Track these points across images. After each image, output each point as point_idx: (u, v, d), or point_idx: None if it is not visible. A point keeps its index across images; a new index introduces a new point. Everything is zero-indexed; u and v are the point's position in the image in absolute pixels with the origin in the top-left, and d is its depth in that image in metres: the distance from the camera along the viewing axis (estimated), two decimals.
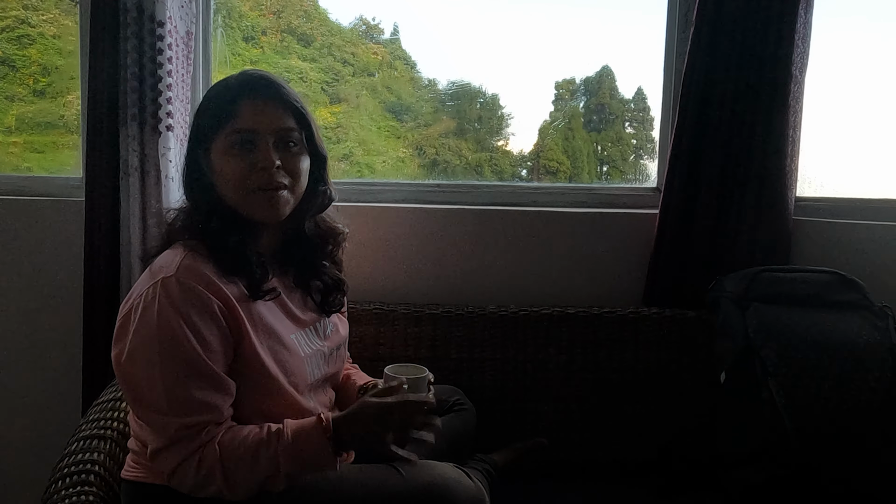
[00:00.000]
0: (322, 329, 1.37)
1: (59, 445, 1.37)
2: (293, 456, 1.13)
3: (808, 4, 1.83)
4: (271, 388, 1.21)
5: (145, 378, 1.11)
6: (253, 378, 1.19)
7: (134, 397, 1.15)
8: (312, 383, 1.30)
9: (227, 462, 1.11)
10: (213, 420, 1.13)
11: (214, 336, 1.13)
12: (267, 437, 1.14)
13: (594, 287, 2.00)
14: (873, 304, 1.68)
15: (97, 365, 1.80)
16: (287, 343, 1.25)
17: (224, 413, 1.16)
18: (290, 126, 1.22)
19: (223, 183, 1.21)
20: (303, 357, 1.28)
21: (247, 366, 1.18)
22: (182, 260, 1.15)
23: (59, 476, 1.27)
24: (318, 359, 1.33)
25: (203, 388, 1.12)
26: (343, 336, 1.45)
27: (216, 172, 1.21)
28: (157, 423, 1.13)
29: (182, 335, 1.10)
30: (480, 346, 1.84)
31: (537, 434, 1.78)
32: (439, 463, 1.30)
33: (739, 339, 1.65)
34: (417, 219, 2.00)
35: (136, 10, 1.71)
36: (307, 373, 1.28)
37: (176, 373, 1.10)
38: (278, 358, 1.22)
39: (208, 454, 1.11)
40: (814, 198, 2.02)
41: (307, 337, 1.32)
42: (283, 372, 1.22)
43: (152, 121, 1.75)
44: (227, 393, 1.16)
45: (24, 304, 1.99)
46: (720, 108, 1.84)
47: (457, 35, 2.35)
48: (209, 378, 1.13)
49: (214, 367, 1.13)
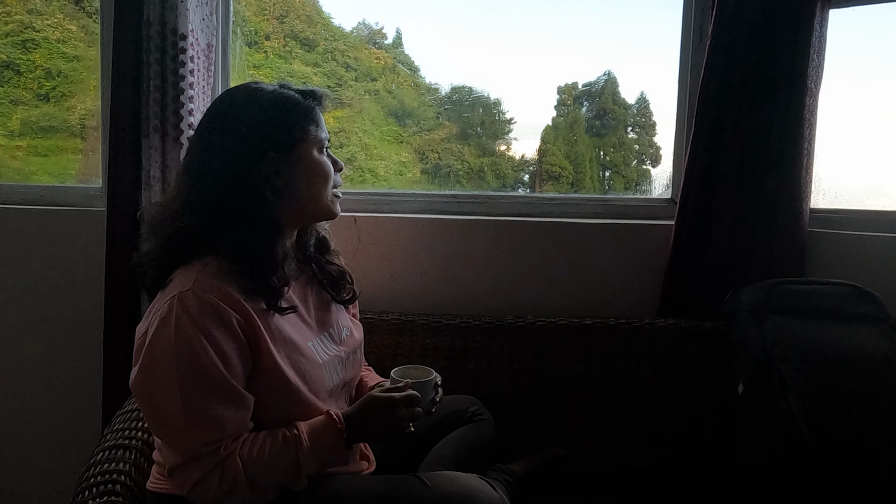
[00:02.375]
0: (337, 334, 1.39)
1: (80, 455, 1.38)
2: (312, 458, 1.18)
3: (822, 19, 1.85)
4: (293, 398, 1.22)
5: (163, 394, 1.10)
6: (273, 388, 1.20)
7: (152, 415, 1.15)
8: (332, 389, 1.31)
9: (250, 473, 1.13)
10: (231, 435, 1.14)
11: (233, 350, 1.14)
12: (284, 445, 1.16)
13: (610, 298, 2.01)
14: (889, 317, 1.68)
15: (118, 375, 1.81)
16: (305, 351, 1.26)
17: (241, 428, 1.16)
18: None
19: (312, 185, 1.26)
20: (321, 364, 1.29)
21: (267, 376, 1.19)
22: (198, 275, 1.15)
23: (85, 486, 1.28)
24: (335, 364, 1.34)
25: (222, 403, 1.12)
26: (358, 340, 1.46)
27: (303, 176, 1.24)
28: (175, 441, 1.14)
29: (201, 349, 1.10)
30: (498, 357, 1.85)
31: (555, 444, 1.78)
32: (463, 473, 1.31)
33: (757, 351, 1.66)
34: (434, 229, 2.02)
35: (158, 23, 1.74)
36: (326, 379, 1.29)
37: (195, 388, 1.10)
38: (297, 367, 1.23)
39: (230, 468, 1.12)
40: (829, 209, 2.03)
41: (323, 343, 1.33)
42: (303, 380, 1.23)
43: (174, 132, 1.76)
44: (245, 407, 1.16)
45: (45, 314, 2.01)
46: (735, 122, 1.85)
47: (459, 40, 2.36)
48: (228, 393, 1.13)
49: (233, 381, 1.13)
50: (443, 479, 1.27)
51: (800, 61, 1.82)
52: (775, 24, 1.81)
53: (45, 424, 2.03)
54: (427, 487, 1.23)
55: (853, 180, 2.14)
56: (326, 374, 1.30)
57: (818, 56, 1.86)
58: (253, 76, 2.33)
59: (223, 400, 1.13)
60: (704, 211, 1.90)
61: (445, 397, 1.63)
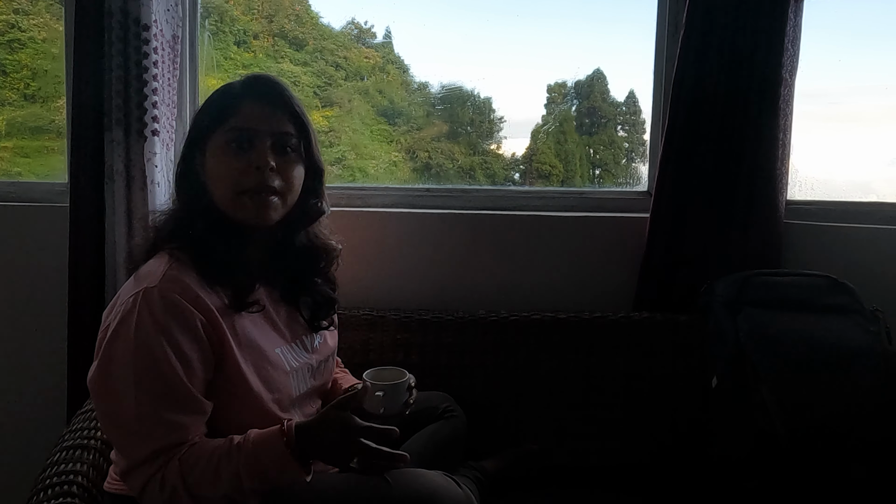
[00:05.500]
0: (310, 342, 1.34)
1: (44, 455, 1.34)
2: (253, 467, 1.08)
3: (797, 8, 1.83)
4: (252, 405, 1.18)
5: (118, 395, 1.07)
6: (234, 394, 1.16)
7: (105, 415, 1.12)
8: (298, 397, 1.27)
9: (188, 478, 1.06)
10: (181, 441, 1.09)
11: (195, 353, 1.10)
12: (228, 450, 1.09)
13: (585, 292, 1.99)
14: (864, 308, 1.68)
15: (82, 373, 1.75)
16: (272, 358, 1.22)
17: (193, 433, 1.11)
18: (288, 131, 1.21)
19: (215, 181, 1.18)
20: (288, 372, 1.25)
21: (228, 382, 1.15)
22: (167, 270, 1.12)
23: (41, 487, 1.24)
24: (304, 372, 1.30)
25: (177, 409, 1.08)
26: (332, 347, 1.42)
27: (209, 170, 1.18)
28: (126, 444, 1.10)
29: (161, 351, 1.06)
30: (471, 352, 1.82)
31: (528, 440, 1.76)
32: (427, 471, 1.28)
33: (731, 343, 1.64)
34: (407, 224, 1.99)
35: (120, 13, 1.69)
36: (292, 388, 1.25)
37: (151, 392, 1.06)
38: (262, 374, 1.19)
39: (170, 472, 1.07)
40: (805, 201, 2.02)
41: (294, 351, 1.29)
42: (267, 388, 1.19)
43: (138, 125, 1.72)
44: (201, 413, 1.12)
45: (9, 311, 1.96)
46: (710, 111, 1.83)
47: (449, 39, 2.35)
48: (184, 399, 1.09)
49: (192, 387, 1.09)
50: (406, 476, 1.23)
51: (774, 51, 1.81)
52: (749, 14, 1.79)
53: (7, 424, 1.99)
54: (389, 486, 1.20)
55: (835, 174, 2.13)
56: (293, 383, 1.25)
57: (793, 46, 1.85)
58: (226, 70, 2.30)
59: (179, 407, 1.09)
60: (679, 203, 1.88)
61: (417, 394, 1.61)
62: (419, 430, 1.56)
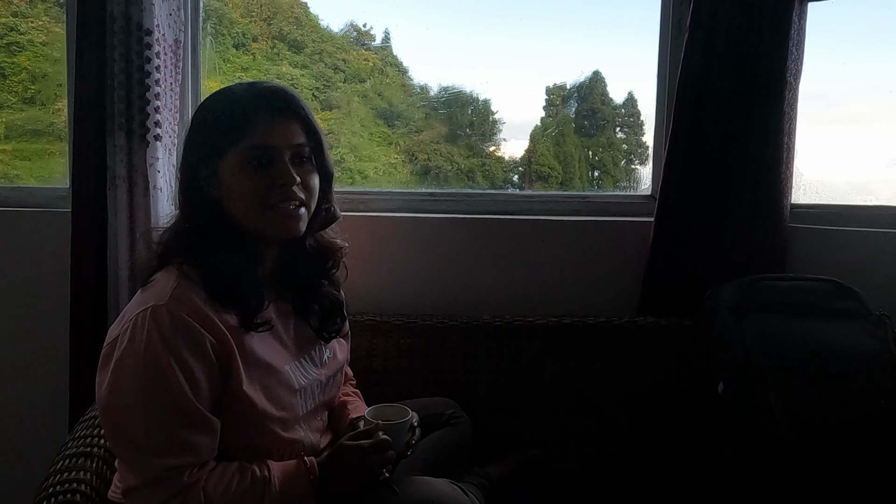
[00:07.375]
0: (318, 356, 1.32)
1: (47, 462, 1.34)
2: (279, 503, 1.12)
3: (801, 11, 1.82)
4: (258, 425, 1.17)
5: (127, 412, 1.06)
6: (240, 414, 1.15)
7: (113, 431, 1.11)
8: (305, 415, 1.26)
9: None
10: (195, 462, 1.09)
11: (203, 373, 1.09)
12: (252, 485, 1.11)
13: (589, 296, 1.98)
14: (871, 313, 1.67)
15: (84, 380, 1.77)
16: (279, 377, 1.21)
17: (207, 454, 1.11)
18: (302, 142, 1.18)
19: (237, 199, 1.15)
20: (297, 390, 1.23)
21: (235, 401, 1.14)
22: (175, 288, 1.10)
23: (44, 495, 1.23)
24: (313, 388, 1.28)
25: (188, 428, 1.08)
26: (341, 361, 1.40)
27: (226, 189, 1.15)
28: (134, 462, 1.09)
29: (170, 371, 1.05)
30: (475, 357, 1.81)
31: (533, 446, 1.75)
32: (433, 479, 1.28)
33: (737, 348, 1.63)
34: (410, 228, 1.98)
35: (123, 18, 1.69)
36: (299, 406, 1.24)
37: (160, 410, 1.06)
38: (269, 393, 1.18)
39: (192, 499, 1.07)
40: (809, 204, 2.01)
41: (302, 367, 1.28)
42: (274, 407, 1.18)
43: (140, 130, 1.72)
44: (212, 433, 1.11)
45: (11, 318, 1.96)
46: (714, 115, 1.82)
47: (448, 41, 2.35)
48: (194, 417, 1.08)
49: (201, 406, 1.08)
50: (413, 485, 1.23)
51: (778, 55, 1.80)
52: (753, 18, 1.79)
53: (10, 431, 1.99)
54: (396, 494, 1.20)
55: (834, 175, 2.13)
56: (300, 401, 1.24)
57: (797, 49, 1.84)
58: (225, 73, 2.29)
59: (189, 424, 1.08)
60: (684, 207, 1.87)
61: (421, 400, 1.60)
62: (425, 436, 1.55)
